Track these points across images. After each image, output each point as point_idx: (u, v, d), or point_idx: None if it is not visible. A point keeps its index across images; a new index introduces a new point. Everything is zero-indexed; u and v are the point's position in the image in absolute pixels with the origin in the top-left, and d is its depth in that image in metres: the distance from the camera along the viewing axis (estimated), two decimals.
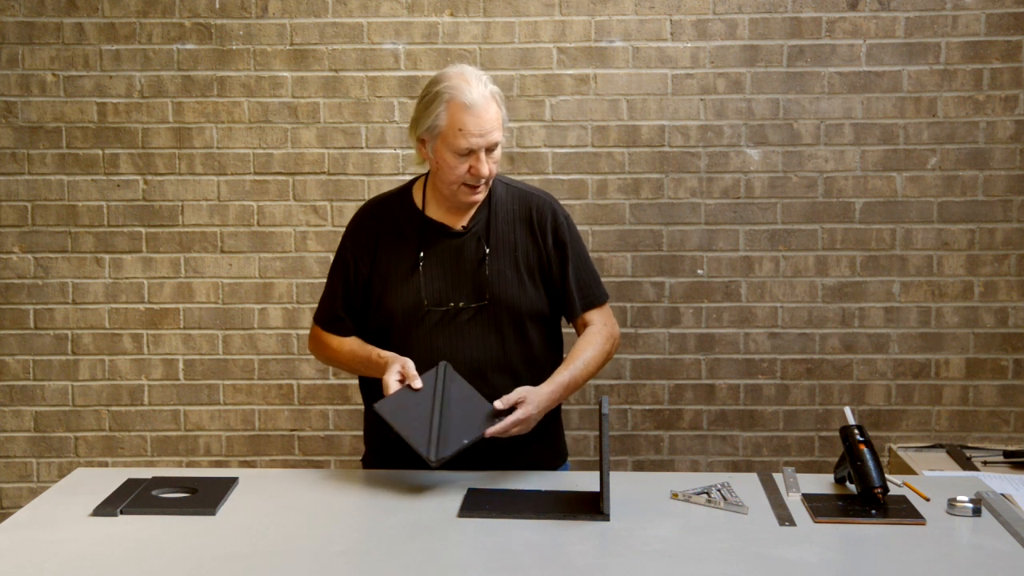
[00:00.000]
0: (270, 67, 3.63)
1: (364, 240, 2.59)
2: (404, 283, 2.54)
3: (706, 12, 3.58)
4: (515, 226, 2.59)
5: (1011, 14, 3.55)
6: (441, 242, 2.57)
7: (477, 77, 2.44)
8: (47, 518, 2.24)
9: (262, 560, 2.03)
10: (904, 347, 3.66)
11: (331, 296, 2.63)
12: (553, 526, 2.17)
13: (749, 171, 3.63)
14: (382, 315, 2.56)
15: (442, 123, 2.43)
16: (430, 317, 2.53)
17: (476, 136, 2.41)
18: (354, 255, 2.58)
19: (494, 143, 2.44)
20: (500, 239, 2.57)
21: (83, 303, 3.71)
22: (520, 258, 2.57)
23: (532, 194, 2.63)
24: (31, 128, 3.66)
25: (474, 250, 2.56)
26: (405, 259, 2.55)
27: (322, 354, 2.69)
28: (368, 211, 2.65)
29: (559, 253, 2.59)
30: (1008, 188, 3.61)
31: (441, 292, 2.54)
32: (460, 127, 2.41)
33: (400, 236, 2.57)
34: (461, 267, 2.55)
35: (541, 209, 2.60)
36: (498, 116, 2.44)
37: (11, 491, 3.77)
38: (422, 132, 2.48)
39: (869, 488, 2.28)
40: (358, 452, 3.74)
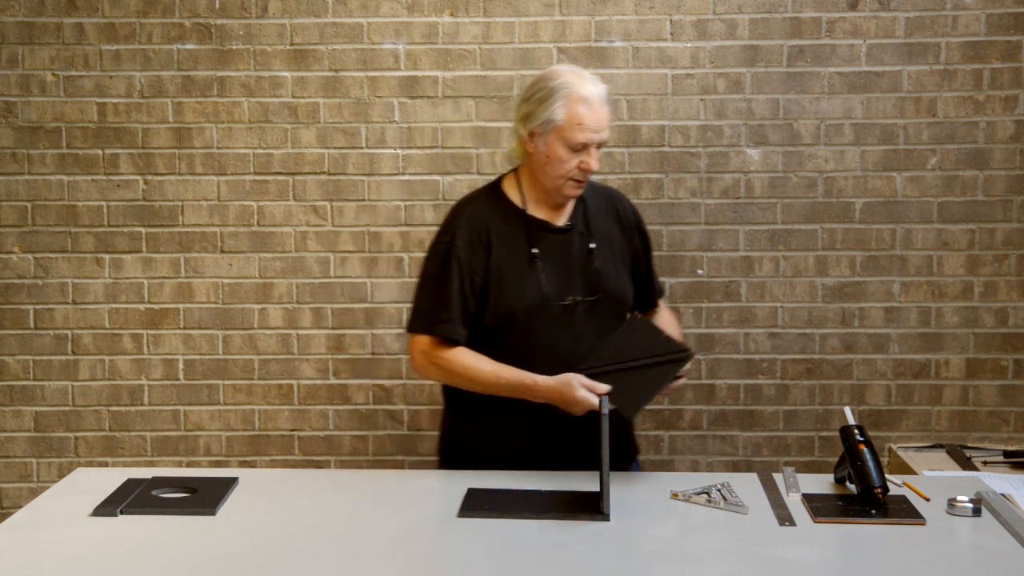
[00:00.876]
0: (270, 67, 3.63)
1: (476, 242, 2.57)
2: (522, 280, 2.56)
3: (706, 12, 3.58)
4: (608, 221, 2.68)
5: (1011, 14, 3.55)
6: (548, 238, 2.61)
7: (590, 75, 2.54)
8: (47, 518, 2.24)
9: (262, 560, 2.03)
10: (904, 347, 3.66)
11: (443, 302, 2.55)
12: (553, 526, 2.17)
13: (749, 171, 3.63)
14: (500, 313, 2.55)
15: (559, 117, 2.49)
16: (551, 312, 2.56)
17: (592, 131, 2.50)
18: (467, 256, 2.56)
19: (605, 140, 2.54)
20: (599, 234, 2.65)
21: (83, 303, 3.71)
22: (616, 251, 2.67)
23: (609, 189, 2.82)
24: (31, 128, 3.66)
25: (580, 245, 2.62)
26: (518, 257, 2.58)
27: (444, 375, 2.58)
28: (470, 211, 2.63)
29: (644, 246, 2.75)
30: (1008, 188, 3.61)
31: (558, 287, 2.57)
32: (579, 122, 2.48)
33: (508, 235, 2.59)
34: (571, 263, 2.61)
35: (625, 204, 2.76)
36: (608, 115, 2.54)
37: (11, 491, 3.77)
38: (535, 126, 2.53)
39: (869, 488, 2.29)
40: (358, 452, 3.75)
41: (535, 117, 2.52)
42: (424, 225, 3.66)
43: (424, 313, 2.58)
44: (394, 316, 3.69)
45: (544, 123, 2.51)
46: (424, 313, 2.58)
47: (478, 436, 2.65)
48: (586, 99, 2.48)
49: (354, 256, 3.68)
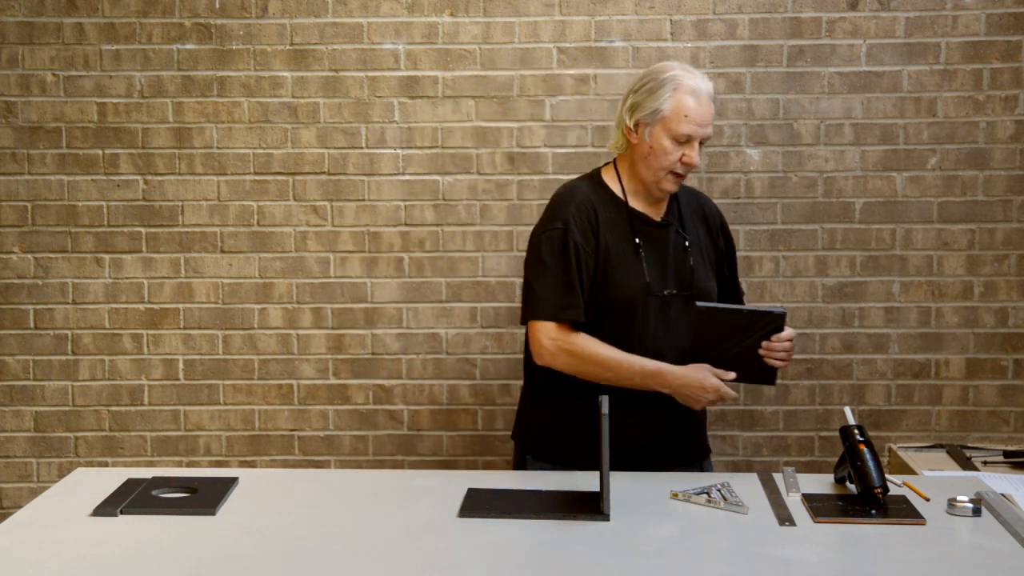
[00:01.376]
0: (270, 67, 3.63)
1: (587, 227, 2.59)
2: (627, 270, 2.59)
3: (706, 12, 3.58)
4: (696, 221, 2.73)
5: (1011, 14, 3.55)
6: (649, 231, 2.64)
7: (700, 72, 2.59)
8: (47, 518, 2.24)
9: (262, 560, 2.03)
10: (904, 347, 3.66)
11: (567, 287, 2.55)
12: (553, 526, 2.17)
13: (749, 171, 3.63)
14: (605, 301, 2.58)
15: (667, 108, 2.53)
16: (649, 304, 2.59)
17: (697, 124, 2.53)
18: (582, 241, 2.58)
19: (708, 135, 2.57)
20: (691, 232, 2.70)
21: (83, 303, 3.71)
22: (704, 250, 2.72)
23: (697, 191, 2.86)
24: (31, 128, 3.66)
25: (676, 241, 2.66)
26: (622, 246, 2.61)
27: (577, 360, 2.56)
28: (579, 198, 2.63)
29: (728, 248, 2.81)
30: (1008, 188, 3.60)
31: (659, 279, 2.61)
32: (686, 114, 2.52)
33: (613, 223, 2.62)
34: (667, 257, 2.64)
35: (711, 205, 2.82)
36: (714, 112, 2.58)
37: (11, 491, 3.77)
38: (642, 116, 2.56)
39: (869, 488, 2.29)
40: (358, 452, 3.75)
41: (642, 108, 2.55)
42: (424, 225, 3.66)
43: (548, 300, 2.56)
44: (394, 316, 3.69)
45: (651, 113, 2.54)
46: (548, 300, 2.56)
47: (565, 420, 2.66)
48: (695, 92, 2.52)
49: (354, 256, 3.68)
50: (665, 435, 2.66)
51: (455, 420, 3.72)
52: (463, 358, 3.70)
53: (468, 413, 3.72)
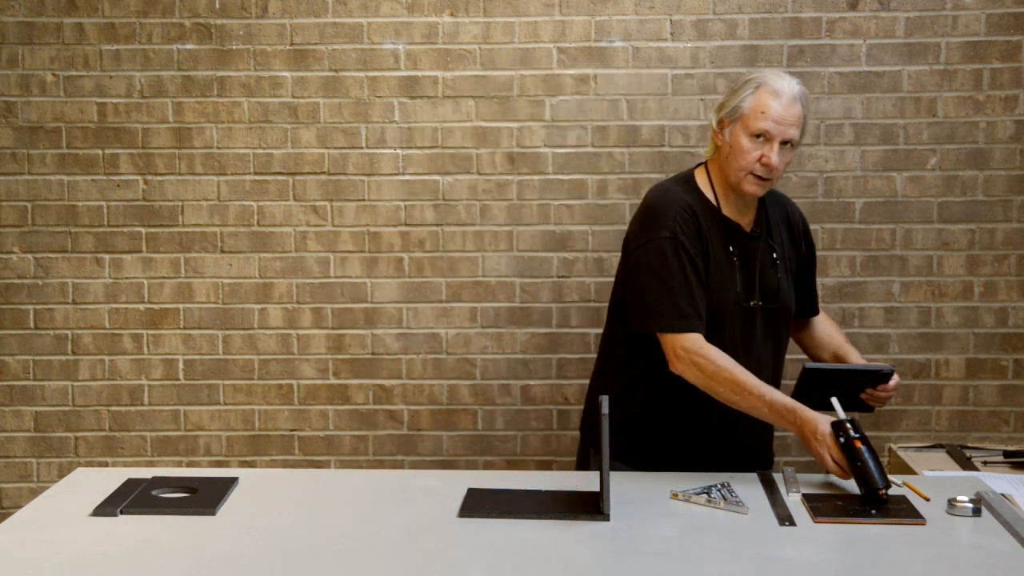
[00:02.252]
0: (270, 67, 3.63)
1: (695, 234, 2.56)
2: (723, 278, 2.57)
3: (706, 12, 3.58)
4: (782, 230, 2.71)
5: (1011, 14, 3.55)
6: (741, 241, 2.62)
7: (790, 77, 2.55)
8: (47, 518, 2.24)
9: (262, 560, 2.03)
10: (904, 347, 3.66)
11: (690, 296, 2.51)
12: (553, 526, 2.17)
13: None
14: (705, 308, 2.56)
15: (746, 106, 2.51)
16: (736, 315, 2.57)
17: (775, 122, 2.48)
18: (693, 250, 2.53)
19: (790, 138, 2.50)
20: (777, 242, 2.68)
21: (83, 303, 3.71)
22: (787, 261, 2.69)
23: (782, 196, 2.81)
24: (31, 128, 3.66)
25: (764, 252, 2.65)
26: (719, 254, 2.58)
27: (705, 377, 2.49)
28: (681, 203, 2.58)
29: (809, 256, 2.79)
30: (1008, 188, 3.60)
31: (748, 290, 2.60)
32: (763, 110, 2.49)
33: (711, 231, 2.59)
34: (754, 269, 2.62)
35: (796, 213, 2.79)
36: (800, 116, 2.51)
37: (11, 491, 3.77)
38: (725, 114, 2.55)
39: (874, 490, 2.27)
40: (358, 452, 3.75)
41: (726, 106, 2.55)
42: (424, 225, 3.66)
43: (672, 311, 2.50)
44: (394, 316, 3.69)
45: (732, 111, 2.53)
46: (672, 311, 2.50)
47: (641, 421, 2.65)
48: (776, 92, 2.49)
49: (354, 256, 3.68)
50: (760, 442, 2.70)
51: (455, 420, 3.72)
52: (463, 358, 3.70)
53: (468, 413, 3.72)
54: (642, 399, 2.65)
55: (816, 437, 2.37)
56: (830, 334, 2.84)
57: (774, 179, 2.55)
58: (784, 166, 2.54)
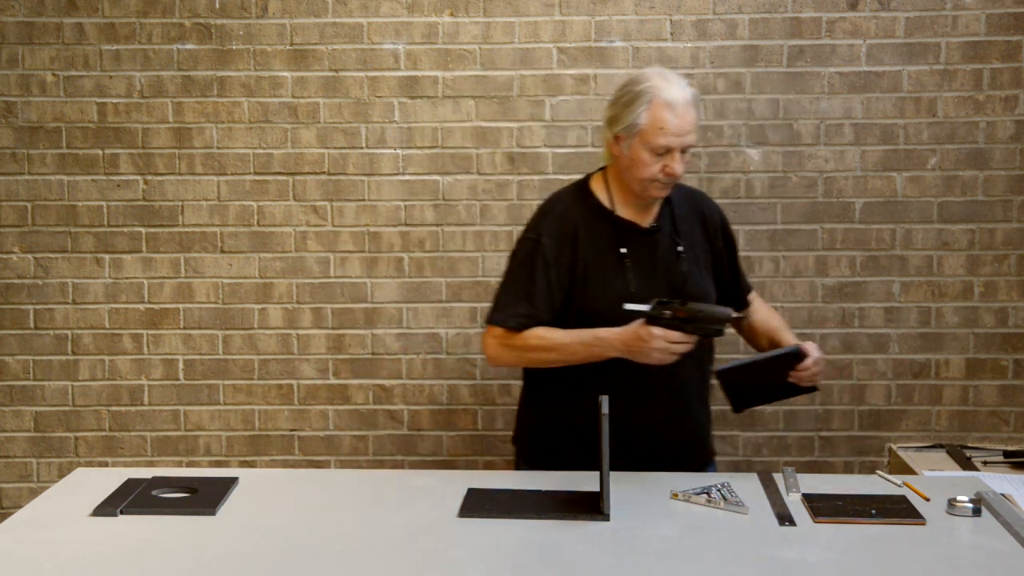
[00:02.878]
0: (270, 67, 3.63)
1: (563, 240, 2.59)
2: (609, 280, 2.57)
3: (706, 12, 3.58)
4: (692, 223, 2.69)
5: (1011, 14, 3.55)
6: (636, 239, 2.61)
7: (678, 79, 2.52)
8: (47, 518, 2.24)
9: (262, 560, 2.03)
10: (904, 347, 3.66)
11: (526, 297, 2.58)
12: (553, 526, 2.17)
13: (749, 171, 3.63)
14: (585, 312, 2.56)
15: (643, 122, 2.49)
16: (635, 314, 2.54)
17: (675, 136, 2.48)
18: (555, 254, 2.57)
19: (689, 144, 2.51)
20: (684, 236, 2.66)
21: (83, 303, 3.71)
22: (699, 253, 2.68)
23: (697, 193, 2.81)
24: (31, 128, 3.66)
25: (667, 247, 2.63)
26: (605, 256, 2.59)
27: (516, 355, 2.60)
28: (557, 211, 2.64)
29: (728, 248, 2.76)
30: (1008, 188, 3.60)
31: (646, 288, 2.57)
32: (661, 126, 2.48)
33: (595, 234, 2.60)
34: (656, 264, 2.61)
35: (710, 205, 2.77)
36: (695, 119, 2.51)
37: (11, 491, 3.77)
38: (620, 130, 2.53)
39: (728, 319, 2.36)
40: (358, 452, 3.75)
41: (620, 121, 2.53)
42: (424, 225, 3.66)
43: (504, 307, 2.60)
44: (394, 316, 3.69)
45: (628, 127, 2.51)
46: (504, 307, 2.60)
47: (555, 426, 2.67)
48: (670, 104, 2.47)
49: (354, 256, 3.68)
50: (666, 437, 2.63)
51: (455, 420, 3.72)
52: (463, 358, 3.70)
53: (468, 413, 3.72)
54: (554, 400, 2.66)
55: (644, 339, 2.40)
56: (765, 320, 2.83)
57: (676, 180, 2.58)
58: (685, 166, 2.55)
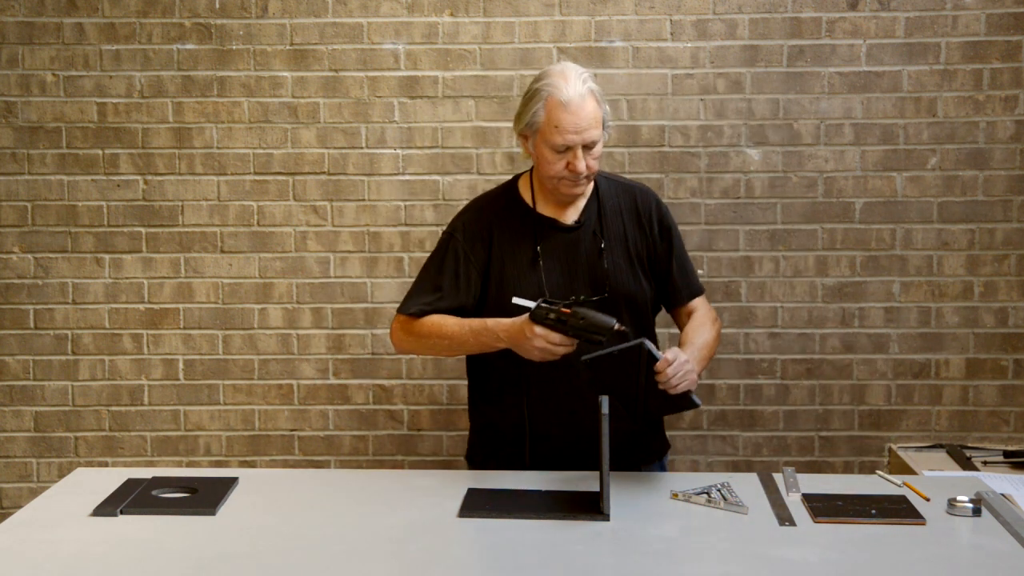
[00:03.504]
0: (270, 67, 3.63)
1: (477, 236, 2.60)
2: (523, 278, 2.57)
3: (706, 12, 3.59)
4: (622, 218, 2.64)
5: (1011, 14, 3.55)
6: (555, 236, 2.60)
7: (577, 75, 2.48)
8: (47, 518, 2.24)
9: (262, 560, 2.03)
10: (904, 347, 3.66)
11: (432, 290, 2.61)
12: (553, 526, 2.17)
13: (749, 171, 3.63)
14: (499, 311, 2.55)
15: (540, 120, 2.48)
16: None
17: (572, 133, 2.45)
18: (466, 251, 2.59)
19: (590, 140, 2.48)
20: (612, 231, 2.61)
21: (83, 303, 3.71)
22: (631, 249, 2.63)
23: (634, 186, 2.72)
24: (31, 128, 3.66)
25: (589, 243, 2.60)
26: (521, 254, 2.58)
27: (416, 341, 2.63)
28: (478, 208, 2.67)
29: (665, 241, 2.67)
30: (1008, 188, 3.61)
31: (560, 286, 2.57)
32: (556, 124, 2.46)
33: (513, 232, 2.60)
34: (577, 261, 2.59)
35: (645, 199, 2.68)
36: (595, 113, 2.48)
37: (11, 491, 3.77)
38: (522, 128, 2.54)
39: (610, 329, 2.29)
40: (358, 452, 3.75)
41: (522, 119, 2.53)
42: (424, 225, 3.66)
43: (411, 297, 2.64)
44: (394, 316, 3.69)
45: (528, 125, 2.51)
46: (411, 297, 2.64)
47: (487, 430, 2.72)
48: (564, 102, 2.44)
49: (354, 256, 3.68)
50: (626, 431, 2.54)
51: (455, 420, 3.71)
52: (463, 358, 3.69)
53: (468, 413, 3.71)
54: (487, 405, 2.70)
55: (526, 336, 2.40)
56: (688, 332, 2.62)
57: (590, 177, 2.55)
58: (597, 162, 2.52)
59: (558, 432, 2.59)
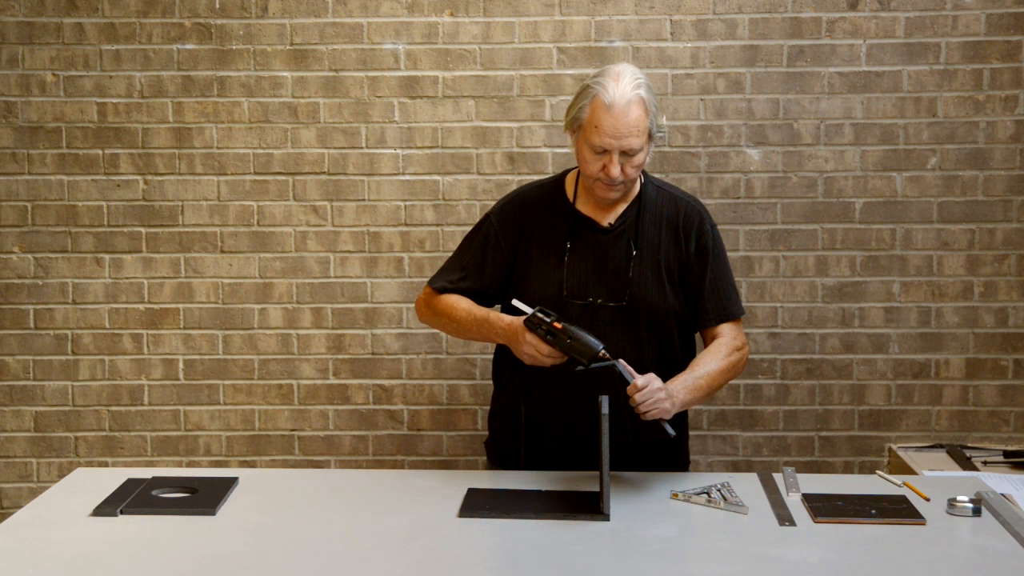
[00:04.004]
0: (270, 67, 3.63)
1: (512, 222, 2.61)
2: (547, 272, 2.56)
3: (706, 12, 3.59)
4: (661, 228, 2.59)
5: (1011, 14, 3.55)
6: (588, 236, 2.59)
7: (631, 79, 2.45)
8: (47, 518, 2.24)
9: (262, 560, 2.03)
10: (904, 347, 3.66)
11: (458, 268, 2.66)
12: (553, 526, 2.17)
13: (749, 171, 3.63)
14: (522, 298, 2.53)
15: (584, 117, 2.47)
16: (568, 310, 2.52)
17: (609, 137, 2.42)
18: (497, 234, 2.61)
19: (629, 148, 2.43)
20: (646, 240, 2.58)
21: (83, 303, 3.71)
22: (662, 261, 2.58)
23: (682, 199, 2.65)
24: (31, 128, 3.66)
25: (620, 249, 2.58)
26: (551, 249, 2.58)
27: (432, 315, 2.68)
28: (519, 195, 2.68)
29: (700, 259, 2.60)
30: (1008, 188, 3.61)
31: (582, 286, 2.55)
32: (596, 124, 2.44)
33: (548, 225, 2.60)
34: (605, 264, 2.57)
35: (689, 214, 2.61)
36: (640, 122, 2.43)
37: (11, 491, 3.77)
38: (569, 122, 2.52)
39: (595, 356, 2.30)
40: (358, 452, 3.75)
41: (569, 113, 2.53)
42: (424, 225, 3.66)
43: (441, 272, 2.70)
44: (394, 316, 3.69)
45: (574, 120, 2.50)
46: (441, 272, 2.70)
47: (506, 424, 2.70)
48: (607, 105, 2.42)
49: (354, 256, 3.68)
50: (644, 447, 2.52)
51: (455, 420, 3.72)
52: (463, 358, 3.70)
53: (468, 413, 3.72)
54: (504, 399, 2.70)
55: (519, 339, 2.42)
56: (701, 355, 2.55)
57: (627, 184, 2.51)
58: (636, 170, 2.48)
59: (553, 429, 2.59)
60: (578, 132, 2.50)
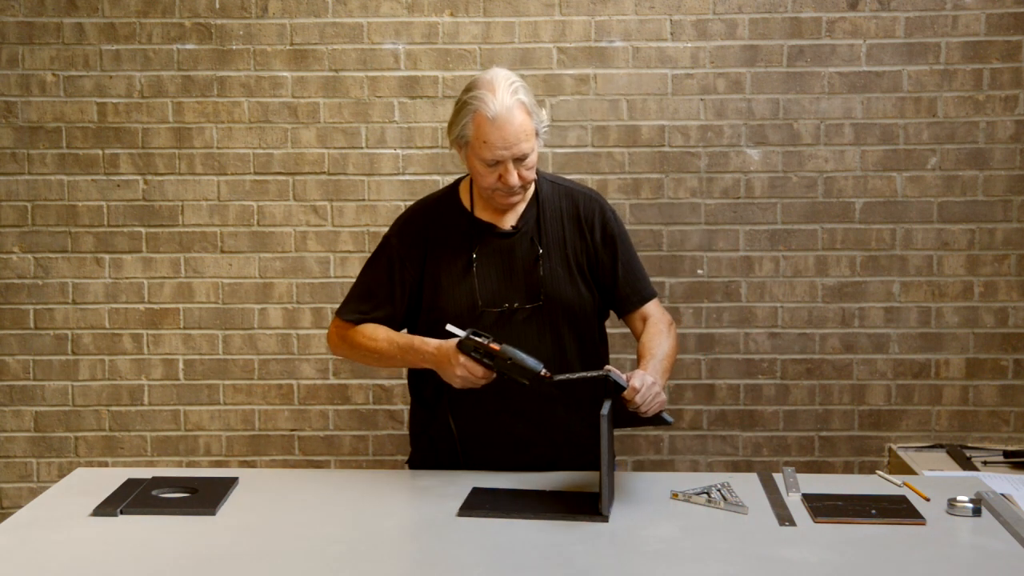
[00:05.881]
0: (270, 67, 3.64)
1: (412, 241, 2.55)
2: (457, 284, 2.52)
3: (706, 12, 3.59)
4: (563, 223, 2.57)
5: (1011, 14, 3.55)
6: (492, 242, 2.54)
7: (506, 85, 2.40)
8: (47, 518, 2.24)
9: (262, 560, 2.03)
10: (904, 347, 3.66)
11: (366, 295, 2.58)
12: (553, 526, 2.17)
13: (749, 171, 3.63)
14: (434, 317, 2.51)
15: (469, 133, 2.42)
16: (485, 318, 2.49)
17: (500, 148, 2.39)
18: (400, 255, 2.55)
19: (520, 154, 2.40)
20: (551, 238, 2.55)
21: (83, 303, 3.71)
22: (570, 255, 2.55)
23: (578, 190, 2.63)
24: (31, 128, 3.66)
25: (526, 250, 2.54)
26: (456, 260, 2.53)
27: (349, 348, 2.60)
28: (415, 212, 2.62)
29: (608, 247, 2.58)
30: (1008, 188, 3.61)
31: (495, 293, 2.51)
32: (484, 139, 2.39)
33: (450, 237, 2.55)
34: (514, 267, 2.53)
35: (588, 205, 2.59)
36: (525, 126, 2.40)
37: (11, 491, 3.77)
38: (454, 139, 2.47)
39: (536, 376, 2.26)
40: (358, 452, 3.75)
41: (453, 130, 2.46)
42: None
43: (348, 301, 2.61)
44: None
45: (459, 137, 2.45)
46: (348, 301, 2.61)
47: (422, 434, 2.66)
48: (491, 118, 2.37)
49: (354, 256, 3.68)
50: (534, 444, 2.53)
51: None
52: None
53: None
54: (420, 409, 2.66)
55: (450, 363, 2.36)
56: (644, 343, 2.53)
57: (526, 187, 2.48)
58: (531, 171, 2.45)
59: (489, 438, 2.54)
60: (465, 148, 2.46)
